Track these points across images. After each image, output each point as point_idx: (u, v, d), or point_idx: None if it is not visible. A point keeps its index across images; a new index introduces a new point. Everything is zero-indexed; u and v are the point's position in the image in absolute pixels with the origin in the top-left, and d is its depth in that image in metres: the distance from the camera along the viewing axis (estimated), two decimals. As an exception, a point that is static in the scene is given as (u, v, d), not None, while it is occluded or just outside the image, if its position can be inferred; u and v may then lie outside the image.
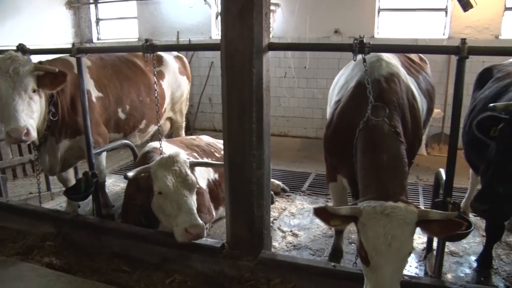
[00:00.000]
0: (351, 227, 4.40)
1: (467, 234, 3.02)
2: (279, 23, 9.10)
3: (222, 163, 3.56)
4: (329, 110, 3.96)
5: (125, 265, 3.59)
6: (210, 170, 4.73)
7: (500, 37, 7.92)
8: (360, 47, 2.90)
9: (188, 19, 9.80)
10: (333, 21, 8.73)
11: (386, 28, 8.82)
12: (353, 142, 3.06)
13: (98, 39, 11.12)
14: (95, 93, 4.79)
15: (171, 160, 3.61)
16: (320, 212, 2.57)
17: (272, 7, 8.65)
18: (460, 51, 2.82)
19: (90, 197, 4.33)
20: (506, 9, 7.91)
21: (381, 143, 2.89)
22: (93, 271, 3.51)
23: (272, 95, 9.02)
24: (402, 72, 3.66)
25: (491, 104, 2.89)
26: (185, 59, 6.61)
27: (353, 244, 4.33)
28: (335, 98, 3.72)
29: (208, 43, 8.87)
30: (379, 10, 8.68)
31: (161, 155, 3.82)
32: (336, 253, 4.04)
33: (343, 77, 3.87)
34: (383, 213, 2.42)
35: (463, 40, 2.82)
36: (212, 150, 4.95)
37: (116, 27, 11.11)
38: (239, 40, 3.05)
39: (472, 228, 3.00)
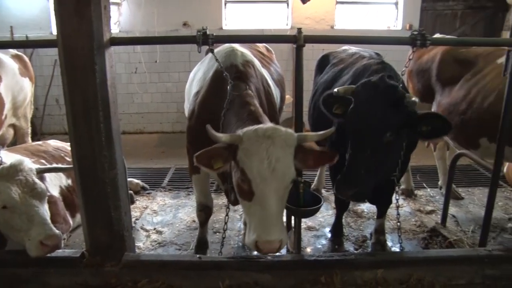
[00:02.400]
0: (214, 217, 4.54)
1: (318, 210, 3.25)
2: (126, 16, 8.74)
3: (72, 166, 3.34)
4: (187, 105, 3.97)
5: (-35, 300, 3.18)
6: (62, 176, 4.39)
7: (334, 27, 8.80)
8: (203, 38, 2.97)
9: (24, 12, 8.76)
10: (182, 13, 8.70)
11: (234, 19, 9.09)
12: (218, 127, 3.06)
13: None
14: None
15: (14, 169, 3.27)
16: (201, 158, 2.55)
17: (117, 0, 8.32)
18: (297, 39, 3.05)
19: None
20: (338, 2, 8.85)
21: (247, 100, 3.01)
22: None
23: (124, 92, 8.85)
24: (257, 62, 3.83)
25: (335, 89, 3.13)
26: (26, 58, 6.00)
27: (217, 234, 4.43)
28: (194, 90, 3.73)
29: (44, 39, 8.07)
30: (226, 2, 8.90)
31: (1, 166, 3.44)
32: (202, 245, 4.09)
33: (200, 71, 3.91)
34: (265, 135, 2.46)
35: (299, 30, 3.08)
36: (62, 155, 4.60)
37: None
38: (77, 35, 2.86)
39: (322, 203, 3.23)
